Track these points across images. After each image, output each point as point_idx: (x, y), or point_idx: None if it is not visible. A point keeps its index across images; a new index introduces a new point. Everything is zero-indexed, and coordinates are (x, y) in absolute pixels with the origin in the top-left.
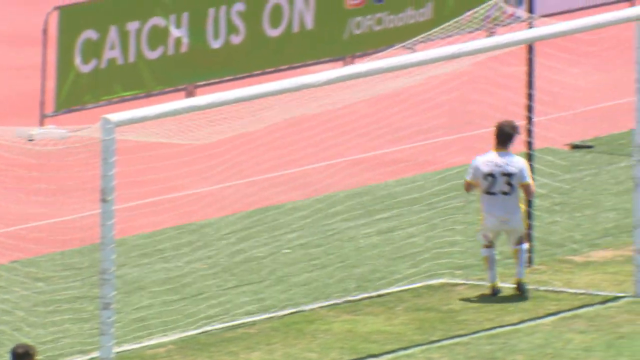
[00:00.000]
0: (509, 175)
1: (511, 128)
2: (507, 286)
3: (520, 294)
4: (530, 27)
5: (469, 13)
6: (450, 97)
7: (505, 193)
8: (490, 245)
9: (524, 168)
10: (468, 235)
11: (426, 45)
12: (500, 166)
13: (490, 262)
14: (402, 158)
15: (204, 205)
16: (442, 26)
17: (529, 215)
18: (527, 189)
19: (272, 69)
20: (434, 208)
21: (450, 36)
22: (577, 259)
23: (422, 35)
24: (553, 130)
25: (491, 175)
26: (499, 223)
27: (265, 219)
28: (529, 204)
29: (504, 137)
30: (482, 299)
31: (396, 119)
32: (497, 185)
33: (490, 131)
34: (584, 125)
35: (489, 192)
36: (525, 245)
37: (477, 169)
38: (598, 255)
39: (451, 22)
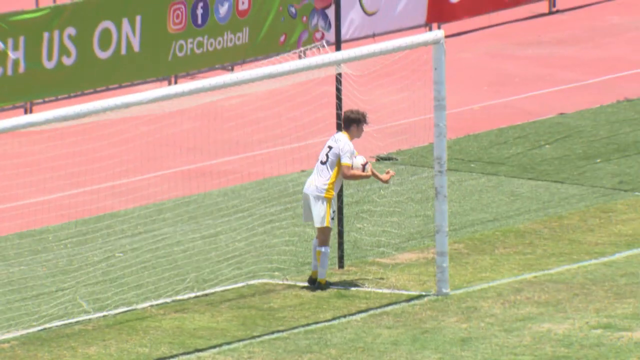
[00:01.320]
0: (329, 147)
1: (348, 114)
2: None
3: (321, 290)
4: (337, 50)
5: (282, 39)
6: (266, 114)
7: (322, 162)
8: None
9: (344, 150)
10: (285, 239)
11: (243, 67)
12: (331, 139)
13: (321, 256)
14: (226, 170)
15: (44, 213)
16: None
17: (340, 222)
18: (342, 169)
19: (103, 88)
20: (254, 215)
21: (266, 58)
22: (385, 261)
23: (241, 61)
24: (361, 144)
25: (324, 145)
26: (307, 186)
27: (100, 226)
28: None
29: (343, 120)
30: (299, 297)
31: (220, 134)
32: (322, 153)
33: (305, 145)
34: (390, 139)
35: (320, 159)
36: (326, 249)
37: None
38: (404, 257)
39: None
